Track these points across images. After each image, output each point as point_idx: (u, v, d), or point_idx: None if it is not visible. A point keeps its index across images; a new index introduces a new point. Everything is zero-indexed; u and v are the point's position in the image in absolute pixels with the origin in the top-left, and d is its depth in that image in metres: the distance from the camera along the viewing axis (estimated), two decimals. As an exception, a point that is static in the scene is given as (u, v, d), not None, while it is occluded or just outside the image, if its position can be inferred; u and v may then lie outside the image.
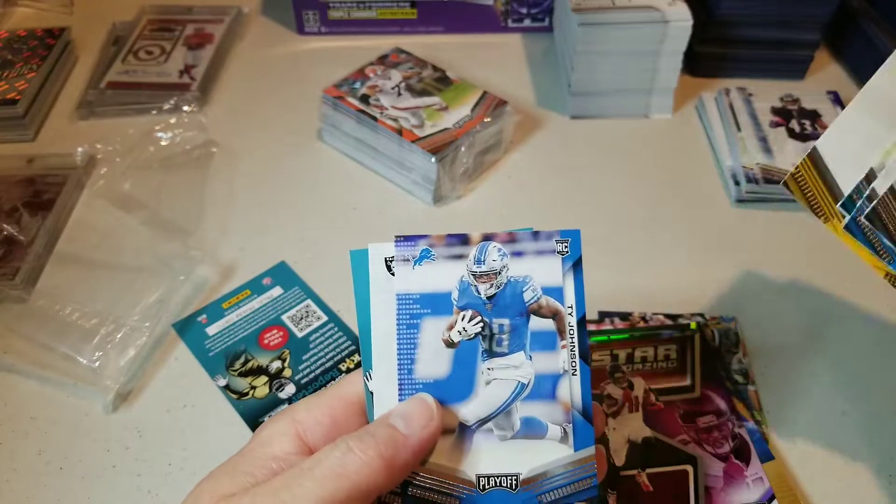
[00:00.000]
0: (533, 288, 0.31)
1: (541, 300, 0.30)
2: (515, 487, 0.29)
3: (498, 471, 0.29)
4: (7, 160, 0.61)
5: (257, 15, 0.80)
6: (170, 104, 0.66)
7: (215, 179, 0.61)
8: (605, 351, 0.47)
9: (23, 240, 0.54)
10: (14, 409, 0.46)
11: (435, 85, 0.62)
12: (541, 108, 0.68)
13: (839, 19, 0.71)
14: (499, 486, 0.29)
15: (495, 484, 0.29)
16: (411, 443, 0.28)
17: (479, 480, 0.29)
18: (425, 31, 0.76)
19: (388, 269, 0.30)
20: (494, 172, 0.62)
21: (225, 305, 0.51)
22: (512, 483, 0.29)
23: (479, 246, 0.32)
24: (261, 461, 0.27)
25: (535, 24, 0.77)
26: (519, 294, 0.31)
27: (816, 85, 0.70)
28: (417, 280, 0.30)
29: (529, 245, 0.31)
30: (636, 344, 0.48)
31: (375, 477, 0.26)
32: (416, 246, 0.31)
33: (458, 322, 0.30)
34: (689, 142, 0.65)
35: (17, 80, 0.66)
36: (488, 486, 0.29)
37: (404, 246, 0.31)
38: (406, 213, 0.58)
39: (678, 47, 0.62)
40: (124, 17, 0.77)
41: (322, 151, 0.64)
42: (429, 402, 0.29)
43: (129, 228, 0.56)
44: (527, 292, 0.31)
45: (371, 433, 0.27)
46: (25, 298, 0.50)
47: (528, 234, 0.31)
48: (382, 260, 0.30)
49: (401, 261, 0.31)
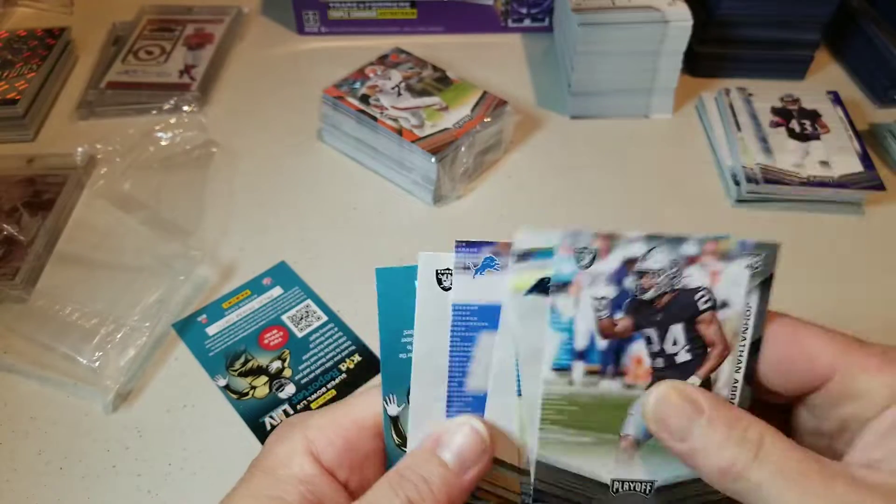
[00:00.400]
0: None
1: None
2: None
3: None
4: (7, 160, 0.61)
5: (257, 15, 0.80)
6: (170, 104, 0.66)
7: (215, 179, 0.61)
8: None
9: (23, 240, 0.54)
10: (14, 409, 0.46)
11: (435, 85, 0.62)
12: (541, 108, 0.68)
13: (839, 19, 0.71)
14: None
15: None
16: (466, 482, 0.26)
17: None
18: (425, 31, 0.76)
19: (439, 280, 0.29)
20: (494, 172, 0.62)
21: (225, 305, 0.51)
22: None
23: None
24: (288, 484, 0.26)
25: (535, 24, 0.77)
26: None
27: (816, 85, 0.70)
28: (476, 290, 0.28)
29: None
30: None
31: None
32: (480, 253, 0.29)
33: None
34: (689, 142, 0.65)
35: (17, 80, 0.66)
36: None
37: (466, 253, 0.29)
38: (406, 213, 0.58)
39: (678, 47, 0.62)
40: (124, 17, 0.77)
41: (322, 151, 0.64)
42: (481, 432, 0.27)
43: (129, 228, 0.56)
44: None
45: (426, 480, 0.25)
46: (25, 298, 0.50)
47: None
48: (434, 270, 0.28)
49: (460, 269, 0.28)
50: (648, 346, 0.30)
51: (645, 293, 0.30)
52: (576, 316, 0.30)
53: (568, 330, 0.29)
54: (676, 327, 0.30)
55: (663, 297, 0.30)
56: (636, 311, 0.30)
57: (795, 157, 0.59)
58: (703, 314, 0.30)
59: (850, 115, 0.63)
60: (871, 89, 0.69)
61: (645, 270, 0.30)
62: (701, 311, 0.30)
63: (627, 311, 0.30)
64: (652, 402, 0.28)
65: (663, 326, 0.30)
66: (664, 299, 0.30)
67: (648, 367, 0.30)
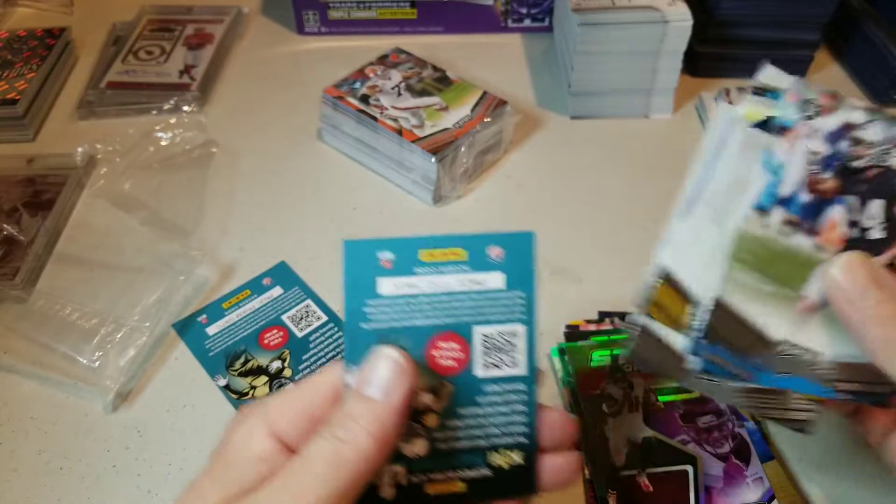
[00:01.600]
0: None
1: None
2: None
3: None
4: (7, 160, 0.61)
5: (257, 15, 0.80)
6: (170, 104, 0.66)
7: (215, 179, 0.61)
8: (605, 351, 0.47)
9: (23, 240, 0.54)
10: (14, 409, 0.46)
11: (435, 85, 0.62)
12: (541, 108, 0.68)
13: (839, 19, 0.71)
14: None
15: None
16: (393, 407, 0.27)
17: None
18: (425, 31, 0.76)
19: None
20: (494, 172, 0.62)
21: (225, 305, 0.51)
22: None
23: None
24: (246, 465, 0.26)
25: (535, 24, 0.77)
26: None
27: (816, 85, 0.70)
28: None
29: None
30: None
31: (371, 456, 0.26)
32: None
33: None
34: (689, 142, 0.65)
35: (16, 80, 0.66)
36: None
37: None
38: (406, 212, 0.58)
39: (678, 47, 0.62)
40: (124, 17, 0.77)
41: (322, 151, 0.64)
42: (396, 357, 0.27)
43: (129, 228, 0.56)
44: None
45: (353, 417, 0.26)
46: (25, 298, 0.50)
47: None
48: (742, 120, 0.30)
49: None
50: (848, 213, 0.31)
51: (856, 161, 0.31)
52: (788, 162, 0.31)
53: (777, 173, 0.31)
54: (877, 203, 0.31)
55: (872, 170, 0.31)
56: (844, 176, 0.31)
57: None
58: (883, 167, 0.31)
59: (850, 115, 0.63)
60: (871, 89, 0.69)
61: (861, 139, 0.31)
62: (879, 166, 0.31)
63: (836, 173, 0.30)
64: (839, 264, 0.30)
65: (865, 198, 0.31)
66: (872, 172, 0.31)
67: (842, 234, 0.30)
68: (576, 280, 0.52)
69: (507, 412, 0.30)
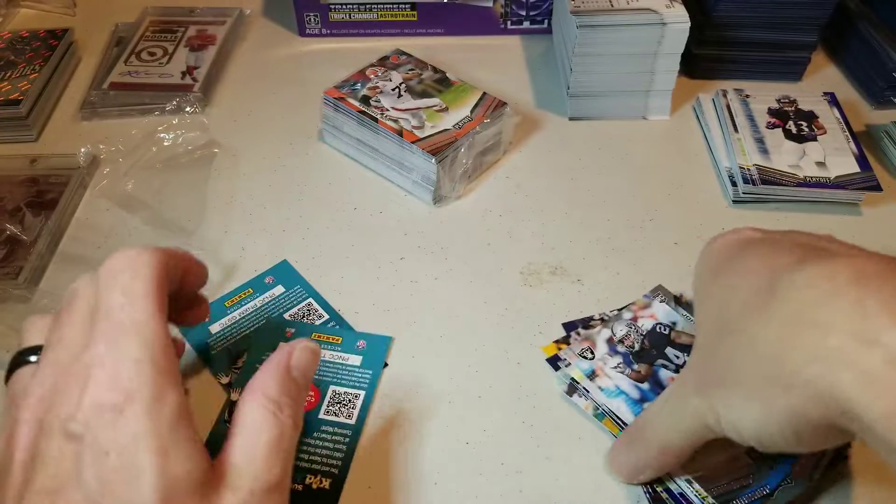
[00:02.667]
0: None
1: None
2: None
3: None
4: (10, 160, 0.61)
5: (259, 17, 0.81)
6: (172, 105, 0.67)
7: (217, 179, 0.61)
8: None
9: (26, 239, 0.54)
10: (18, 407, 0.46)
11: (435, 86, 0.62)
12: (540, 109, 0.69)
13: (836, 21, 0.71)
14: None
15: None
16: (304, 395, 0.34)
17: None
18: (425, 33, 0.77)
19: None
20: (494, 173, 0.62)
21: (227, 304, 0.52)
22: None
23: None
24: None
25: (535, 26, 0.77)
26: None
27: (813, 86, 0.71)
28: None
29: None
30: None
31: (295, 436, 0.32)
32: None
33: None
34: (687, 143, 0.65)
35: (19, 81, 0.67)
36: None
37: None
38: (406, 212, 0.59)
39: (676, 49, 0.63)
40: (127, 18, 0.78)
41: (323, 152, 0.64)
42: (318, 350, 0.35)
43: (131, 228, 0.57)
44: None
45: (293, 398, 0.32)
46: (29, 298, 0.51)
47: None
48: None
49: None
50: (668, 368, 0.44)
51: (633, 348, 0.45)
52: (616, 383, 0.43)
53: (622, 394, 0.43)
54: (668, 349, 0.45)
55: (645, 342, 0.46)
56: (642, 358, 0.45)
57: (792, 158, 0.60)
58: (671, 333, 0.46)
59: (847, 116, 0.63)
60: (868, 91, 0.70)
61: (621, 338, 0.46)
62: (667, 333, 0.46)
63: (637, 361, 0.45)
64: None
65: (662, 353, 0.45)
66: (646, 342, 0.46)
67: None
68: (574, 280, 0.53)
69: (332, 448, 0.41)
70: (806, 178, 0.58)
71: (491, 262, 0.54)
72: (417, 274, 0.54)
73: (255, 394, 0.31)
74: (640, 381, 0.43)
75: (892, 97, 0.68)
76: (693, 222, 0.58)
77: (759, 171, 0.58)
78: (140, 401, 0.27)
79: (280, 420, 0.30)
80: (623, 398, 0.42)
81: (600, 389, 0.43)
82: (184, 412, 0.28)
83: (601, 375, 0.44)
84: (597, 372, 0.44)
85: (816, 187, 0.57)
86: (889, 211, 0.59)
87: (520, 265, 0.54)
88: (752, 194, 0.58)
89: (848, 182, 0.57)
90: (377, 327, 0.49)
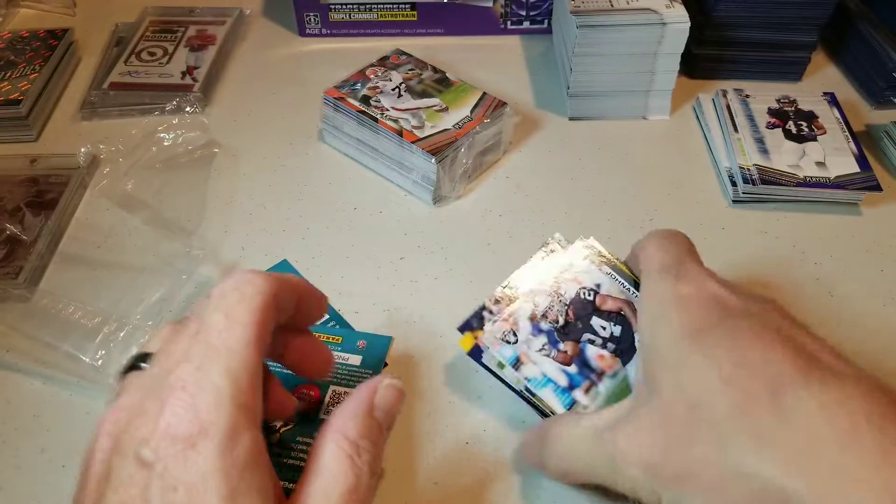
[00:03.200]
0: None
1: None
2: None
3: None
4: (10, 160, 0.61)
5: (259, 16, 0.81)
6: (172, 105, 0.67)
7: (217, 179, 0.61)
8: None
9: (26, 239, 0.54)
10: (17, 408, 0.46)
11: (435, 86, 0.62)
12: (540, 109, 0.69)
13: (836, 21, 0.71)
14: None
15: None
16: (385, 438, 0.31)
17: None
18: (425, 32, 0.77)
19: None
20: (494, 173, 0.62)
21: (226, 304, 0.51)
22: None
23: None
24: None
25: (534, 26, 0.77)
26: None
27: (813, 86, 0.71)
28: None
29: None
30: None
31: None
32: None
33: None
34: (687, 143, 0.65)
35: (19, 81, 0.67)
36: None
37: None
38: (406, 212, 0.59)
39: (676, 49, 0.63)
40: (127, 18, 0.78)
41: (323, 152, 0.64)
42: (403, 389, 0.33)
43: (131, 228, 0.57)
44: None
45: (374, 442, 0.30)
46: (28, 297, 0.51)
47: None
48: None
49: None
50: (595, 344, 0.40)
51: (558, 322, 0.41)
52: (543, 370, 0.40)
53: (549, 382, 0.39)
54: (594, 319, 0.41)
55: (569, 313, 0.41)
56: (567, 334, 0.41)
57: (792, 157, 0.60)
58: (595, 299, 0.42)
59: (847, 116, 0.63)
60: (868, 91, 0.70)
61: (543, 313, 0.41)
62: (592, 300, 0.42)
63: (562, 339, 0.41)
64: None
65: (587, 325, 0.41)
66: (570, 313, 0.41)
67: (610, 355, 0.40)
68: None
69: None
70: (806, 178, 0.58)
71: (491, 262, 0.54)
72: (417, 274, 0.54)
73: (334, 434, 0.29)
74: (567, 363, 0.40)
75: (891, 97, 0.68)
76: (693, 222, 0.58)
77: (759, 171, 0.58)
78: (214, 436, 0.25)
79: (357, 466, 0.28)
80: (551, 387, 0.39)
81: (527, 380, 0.40)
82: (258, 456, 0.26)
83: (526, 363, 0.40)
84: (521, 359, 0.40)
85: (816, 187, 0.57)
86: (889, 211, 0.59)
87: (520, 265, 0.54)
88: (752, 194, 0.58)
89: (848, 182, 0.57)
90: (377, 327, 0.49)
